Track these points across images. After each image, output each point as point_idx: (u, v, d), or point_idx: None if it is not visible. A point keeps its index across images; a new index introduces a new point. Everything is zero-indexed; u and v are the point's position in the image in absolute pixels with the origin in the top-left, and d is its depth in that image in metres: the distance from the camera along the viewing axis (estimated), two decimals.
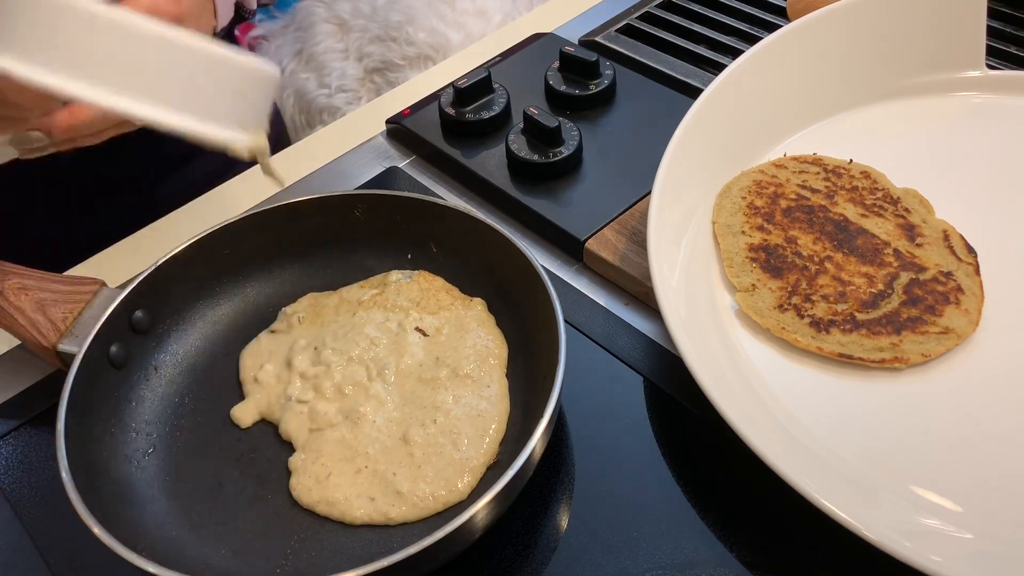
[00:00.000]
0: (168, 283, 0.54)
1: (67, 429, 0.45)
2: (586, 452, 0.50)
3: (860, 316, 0.50)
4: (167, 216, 0.69)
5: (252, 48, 1.37)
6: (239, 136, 0.41)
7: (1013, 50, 0.71)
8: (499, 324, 0.54)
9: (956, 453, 0.45)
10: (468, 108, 0.69)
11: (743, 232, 0.55)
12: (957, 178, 0.59)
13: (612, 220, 0.60)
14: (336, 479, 0.47)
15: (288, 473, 0.48)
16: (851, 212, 0.56)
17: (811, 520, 0.41)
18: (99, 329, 0.50)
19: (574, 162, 0.65)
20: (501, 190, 0.64)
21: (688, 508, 0.47)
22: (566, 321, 0.48)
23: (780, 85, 0.61)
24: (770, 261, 0.54)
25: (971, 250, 0.54)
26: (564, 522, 0.47)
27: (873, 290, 0.52)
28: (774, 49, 0.60)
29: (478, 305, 0.55)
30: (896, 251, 0.54)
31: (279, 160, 0.74)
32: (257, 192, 0.68)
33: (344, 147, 0.73)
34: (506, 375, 0.52)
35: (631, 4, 0.84)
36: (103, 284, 0.54)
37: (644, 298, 0.57)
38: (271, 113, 0.44)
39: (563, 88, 0.70)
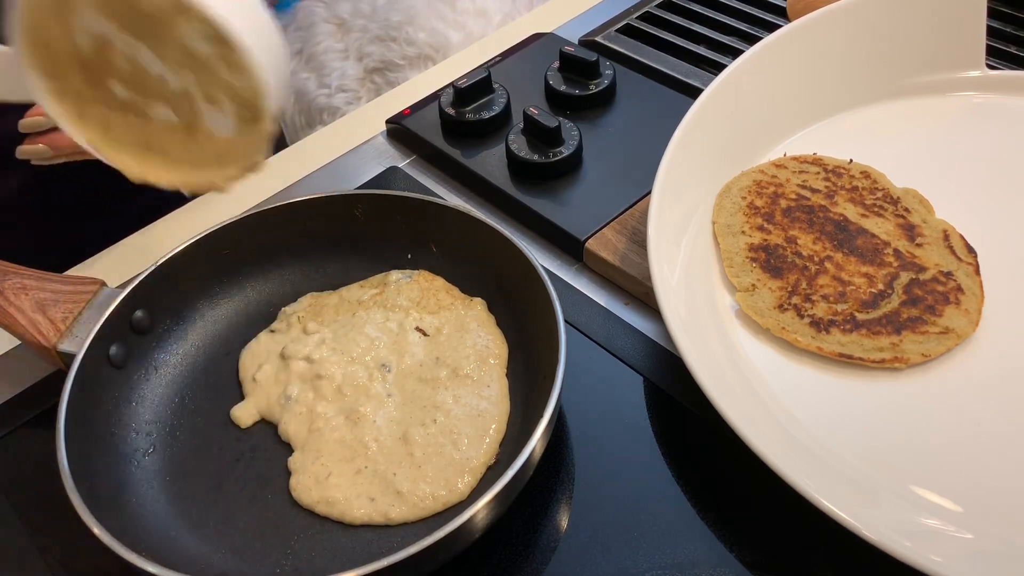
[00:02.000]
0: (168, 283, 0.54)
1: (67, 429, 0.45)
2: (586, 452, 0.49)
3: (860, 316, 0.50)
4: (167, 216, 0.69)
5: None
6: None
7: (1013, 50, 0.71)
8: (499, 324, 0.54)
9: (956, 453, 0.45)
10: (468, 108, 0.69)
11: (743, 232, 0.55)
12: (957, 178, 0.59)
13: (612, 220, 0.60)
14: (336, 479, 0.47)
15: (288, 473, 0.48)
16: (851, 212, 0.56)
17: (811, 520, 0.41)
18: (99, 329, 0.50)
19: (574, 162, 0.65)
20: (501, 190, 0.64)
21: (688, 508, 0.46)
22: (566, 321, 0.48)
23: (780, 85, 0.61)
24: (770, 261, 0.54)
25: (971, 250, 0.54)
26: (564, 522, 0.47)
27: (873, 290, 0.52)
28: (774, 49, 0.60)
29: (478, 305, 0.55)
30: (896, 251, 0.54)
31: (279, 161, 0.74)
32: (257, 192, 0.68)
33: (344, 147, 0.73)
34: (506, 375, 0.52)
35: (631, 4, 0.84)
36: (103, 284, 0.54)
37: (644, 298, 0.57)
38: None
39: (563, 88, 0.70)
